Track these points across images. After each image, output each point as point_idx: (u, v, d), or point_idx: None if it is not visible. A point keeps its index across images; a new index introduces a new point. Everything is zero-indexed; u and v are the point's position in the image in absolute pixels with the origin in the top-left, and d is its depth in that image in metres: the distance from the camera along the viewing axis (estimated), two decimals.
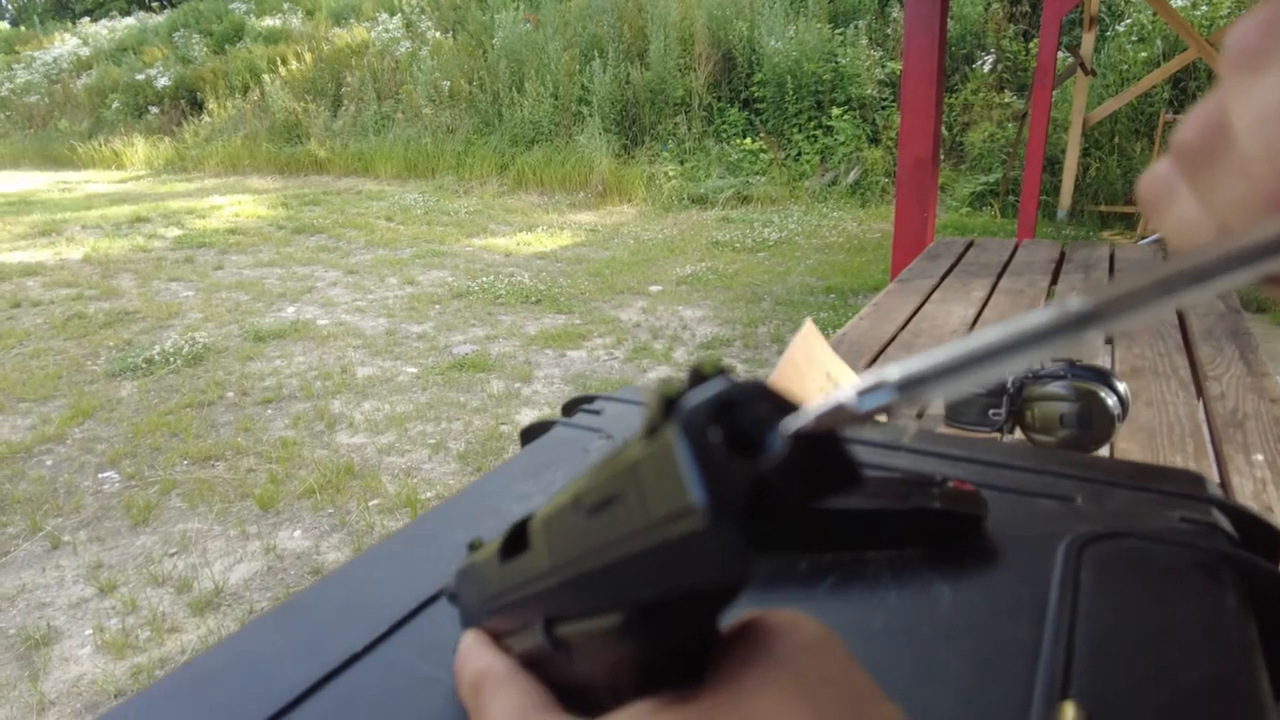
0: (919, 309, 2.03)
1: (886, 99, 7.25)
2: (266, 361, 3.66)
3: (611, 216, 6.93)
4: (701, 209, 6.97)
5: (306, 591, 0.48)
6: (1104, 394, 1.01)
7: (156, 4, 15.76)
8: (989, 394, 1.17)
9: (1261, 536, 0.49)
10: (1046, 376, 1.08)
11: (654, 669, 0.20)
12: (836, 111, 7.27)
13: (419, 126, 9.30)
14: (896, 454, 0.58)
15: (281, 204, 7.66)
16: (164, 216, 7.14)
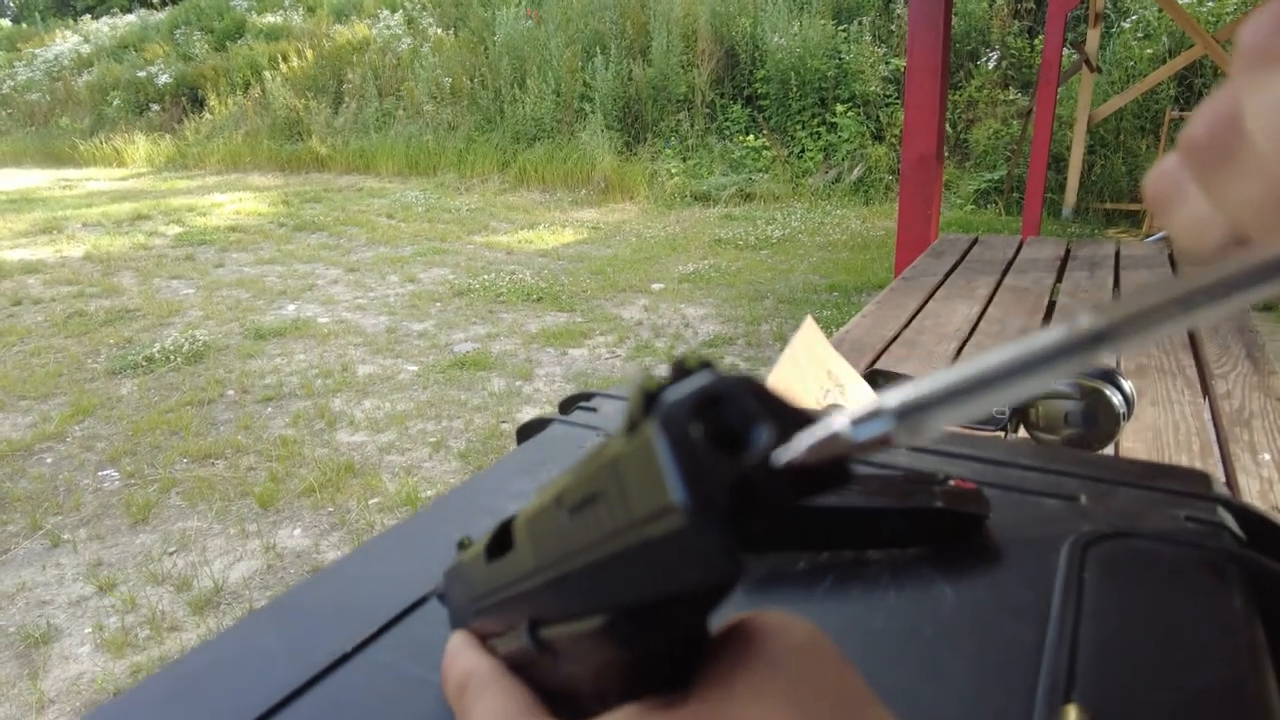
0: (922, 306, 2.02)
1: (890, 96, 7.23)
2: (267, 359, 3.66)
3: (614, 214, 6.92)
4: (704, 206, 6.96)
5: (297, 589, 0.48)
6: (1109, 392, 1.01)
7: (157, 1, 15.77)
8: None
9: (1269, 536, 0.48)
10: None
11: (640, 673, 0.20)
12: (840, 108, 7.26)
13: (420, 123, 9.29)
14: (897, 452, 0.57)
15: (282, 201, 7.66)
16: (165, 214, 7.14)
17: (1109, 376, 1.04)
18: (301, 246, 5.95)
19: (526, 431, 0.67)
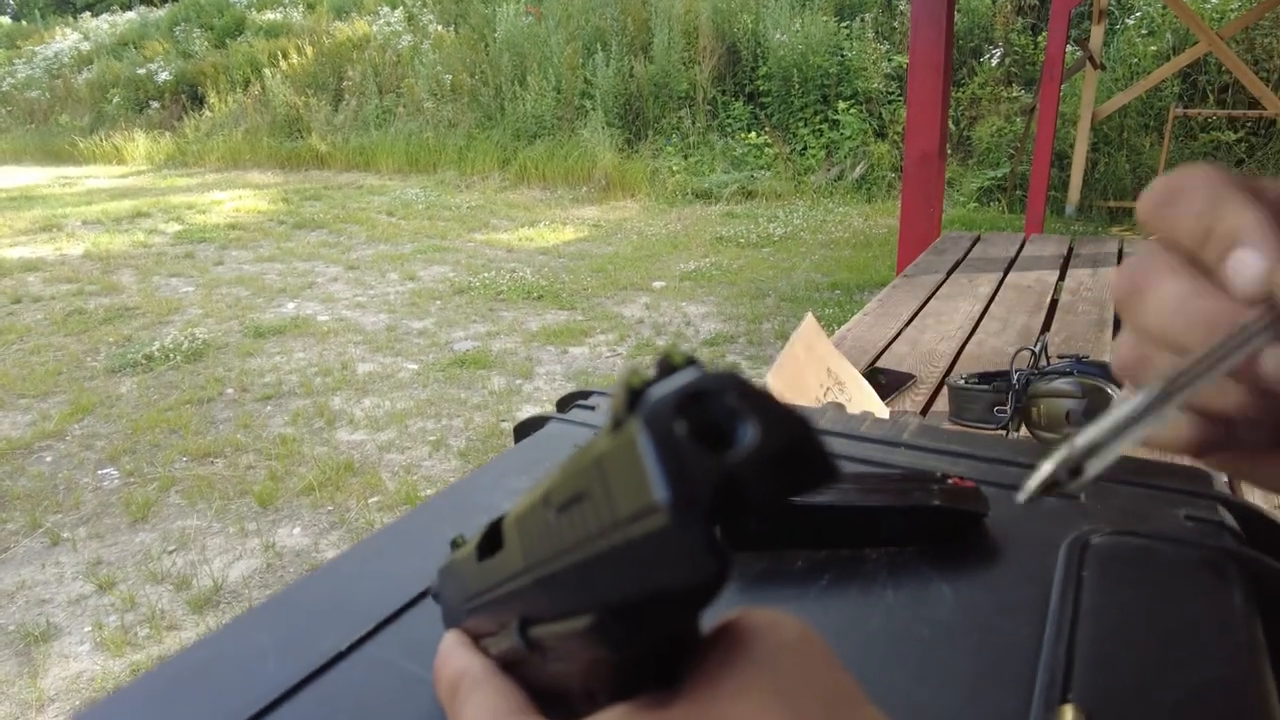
0: (924, 305, 2.02)
1: (893, 93, 7.21)
2: (266, 358, 3.66)
3: (614, 211, 6.92)
4: (705, 204, 6.96)
5: (293, 587, 0.47)
6: (1110, 390, 1.00)
7: None
8: (994, 391, 1.16)
9: (1269, 534, 0.48)
10: (1052, 373, 1.06)
11: (629, 672, 0.20)
12: (842, 105, 7.24)
13: (420, 121, 9.28)
14: (897, 450, 0.57)
15: (282, 199, 7.66)
16: (164, 212, 7.14)
17: (1109, 374, 1.04)
18: (301, 244, 5.95)
19: (524, 429, 0.67)
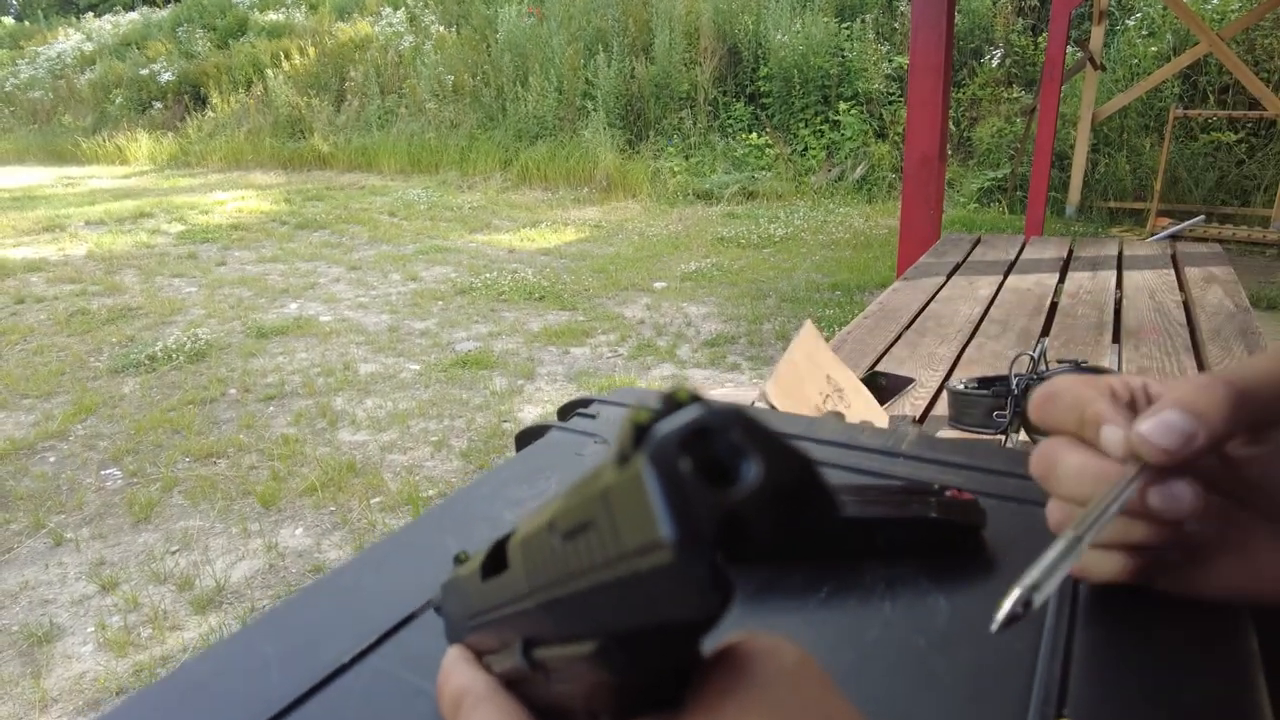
0: (925, 307, 2.02)
1: (894, 94, 7.21)
2: (269, 358, 3.66)
3: (616, 212, 6.92)
4: (706, 204, 6.96)
5: (295, 599, 0.48)
6: None
7: None
8: (994, 395, 1.16)
9: None
10: (1051, 377, 1.07)
11: (631, 695, 0.20)
12: (843, 106, 7.24)
13: (422, 121, 9.29)
14: (895, 461, 0.57)
15: (284, 199, 7.67)
16: (167, 212, 7.15)
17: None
18: (304, 244, 5.96)
19: (525, 438, 0.67)
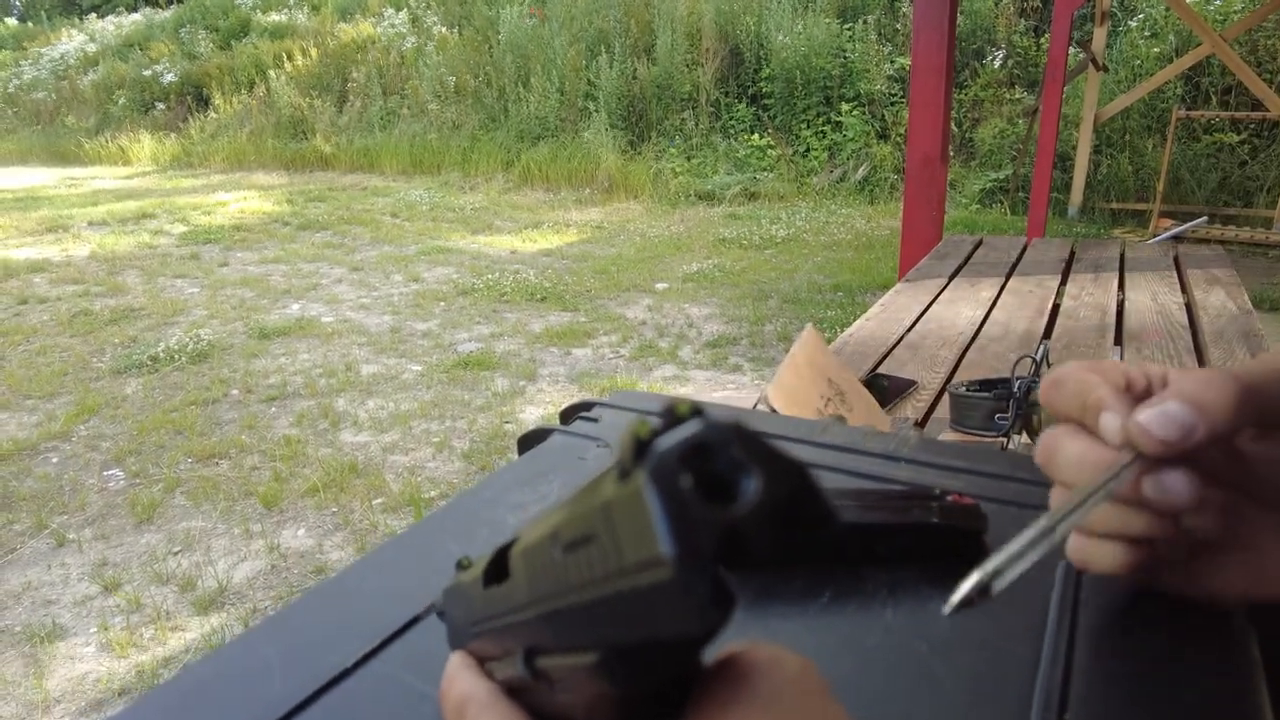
0: (926, 309, 2.02)
1: (896, 95, 7.21)
2: (271, 359, 3.67)
3: (617, 213, 6.92)
4: (708, 205, 6.96)
5: (297, 603, 0.48)
6: None
7: (162, 0, 15.80)
8: (995, 398, 1.16)
9: None
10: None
11: (633, 706, 0.20)
12: (845, 107, 7.24)
13: (424, 122, 9.30)
14: (896, 465, 0.57)
15: (287, 200, 7.68)
16: (170, 213, 7.16)
17: None
18: (306, 245, 5.97)
19: (527, 442, 0.67)
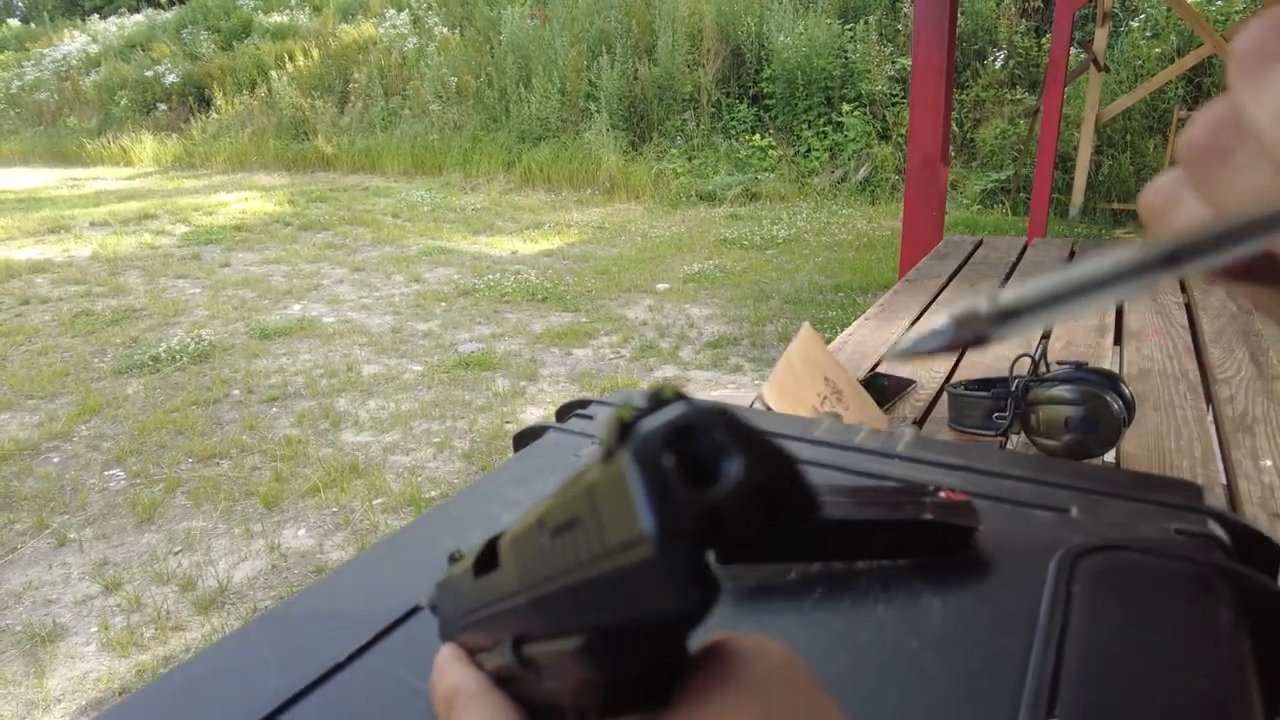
0: (926, 309, 2.02)
1: (897, 95, 7.21)
2: (272, 359, 3.67)
3: (618, 213, 6.93)
4: (709, 206, 6.96)
5: (292, 600, 0.48)
6: (1110, 398, 1.00)
7: (165, 1, 15.83)
8: (993, 397, 1.16)
9: (1259, 550, 0.48)
10: (1052, 380, 1.07)
11: (617, 692, 0.20)
12: (846, 108, 7.24)
13: (426, 123, 9.31)
14: (890, 462, 0.58)
15: (288, 201, 7.68)
16: (171, 213, 7.17)
17: (1110, 382, 1.04)
18: (307, 246, 5.97)
19: (523, 440, 0.67)
